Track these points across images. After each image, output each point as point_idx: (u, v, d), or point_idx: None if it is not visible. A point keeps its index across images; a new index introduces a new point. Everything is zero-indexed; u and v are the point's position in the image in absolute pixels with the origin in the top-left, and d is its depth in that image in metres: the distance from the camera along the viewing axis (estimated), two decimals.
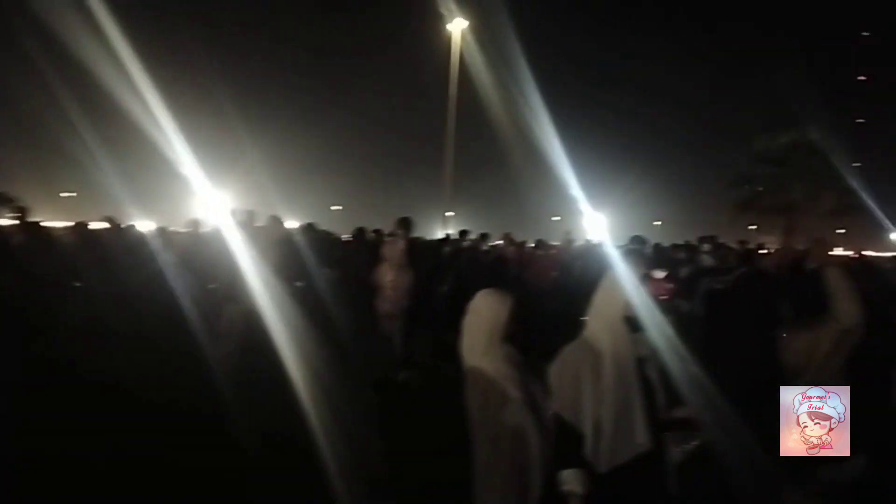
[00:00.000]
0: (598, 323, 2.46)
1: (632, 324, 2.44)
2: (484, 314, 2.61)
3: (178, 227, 9.65)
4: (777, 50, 41.29)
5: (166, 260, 6.56)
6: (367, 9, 53.44)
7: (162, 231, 8.42)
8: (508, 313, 2.59)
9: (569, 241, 10.76)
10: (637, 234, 7.88)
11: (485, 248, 10.07)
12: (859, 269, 7.93)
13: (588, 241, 11.28)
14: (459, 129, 26.86)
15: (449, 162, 26.64)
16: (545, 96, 22.25)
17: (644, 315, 2.48)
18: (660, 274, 4.80)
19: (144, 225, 9.95)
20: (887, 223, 24.37)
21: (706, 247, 7.39)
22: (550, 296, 7.05)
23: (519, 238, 10.87)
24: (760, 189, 27.49)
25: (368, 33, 54.32)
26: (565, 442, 2.30)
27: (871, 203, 23.57)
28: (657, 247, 7.93)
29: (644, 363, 2.44)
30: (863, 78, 50.30)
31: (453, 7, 24.96)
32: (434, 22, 26.69)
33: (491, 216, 32.49)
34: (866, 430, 2.65)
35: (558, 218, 30.60)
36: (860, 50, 50.46)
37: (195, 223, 8.30)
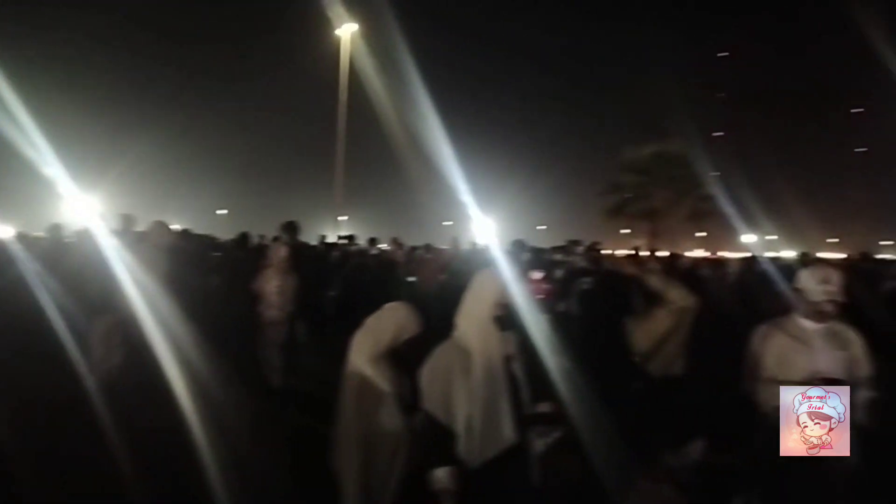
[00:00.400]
0: (468, 323, 2.56)
1: (500, 323, 2.55)
2: (392, 322, 2.61)
3: (40, 232, 8.92)
4: (643, 68, 44.77)
5: (27, 268, 6.05)
6: (255, 7, 51.44)
7: (22, 237, 7.77)
8: (412, 334, 2.62)
9: (456, 245, 11.07)
10: (518, 238, 8.31)
11: (373, 252, 10.15)
12: (712, 266, 8.87)
13: (474, 244, 11.65)
14: (350, 132, 26.76)
15: (340, 166, 26.48)
16: (436, 102, 22.66)
17: (521, 314, 2.62)
18: (537, 275, 5.10)
19: (2, 231, 9.09)
20: (740, 227, 26.72)
21: (579, 249, 7.92)
22: (436, 298, 7.23)
23: (411, 242, 11.02)
24: (628, 196, 29.72)
25: (257, 33, 52.28)
26: (437, 441, 2.37)
27: (726, 208, 25.88)
28: (534, 250, 8.37)
29: (511, 361, 2.58)
30: (720, 95, 55.51)
31: (343, 11, 24.83)
32: (325, 24, 26.39)
33: (383, 220, 32.45)
34: (707, 414, 2.94)
35: (450, 222, 31.13)
36: (718, 69, 55.69)
37: (57, 228, 7.73)
